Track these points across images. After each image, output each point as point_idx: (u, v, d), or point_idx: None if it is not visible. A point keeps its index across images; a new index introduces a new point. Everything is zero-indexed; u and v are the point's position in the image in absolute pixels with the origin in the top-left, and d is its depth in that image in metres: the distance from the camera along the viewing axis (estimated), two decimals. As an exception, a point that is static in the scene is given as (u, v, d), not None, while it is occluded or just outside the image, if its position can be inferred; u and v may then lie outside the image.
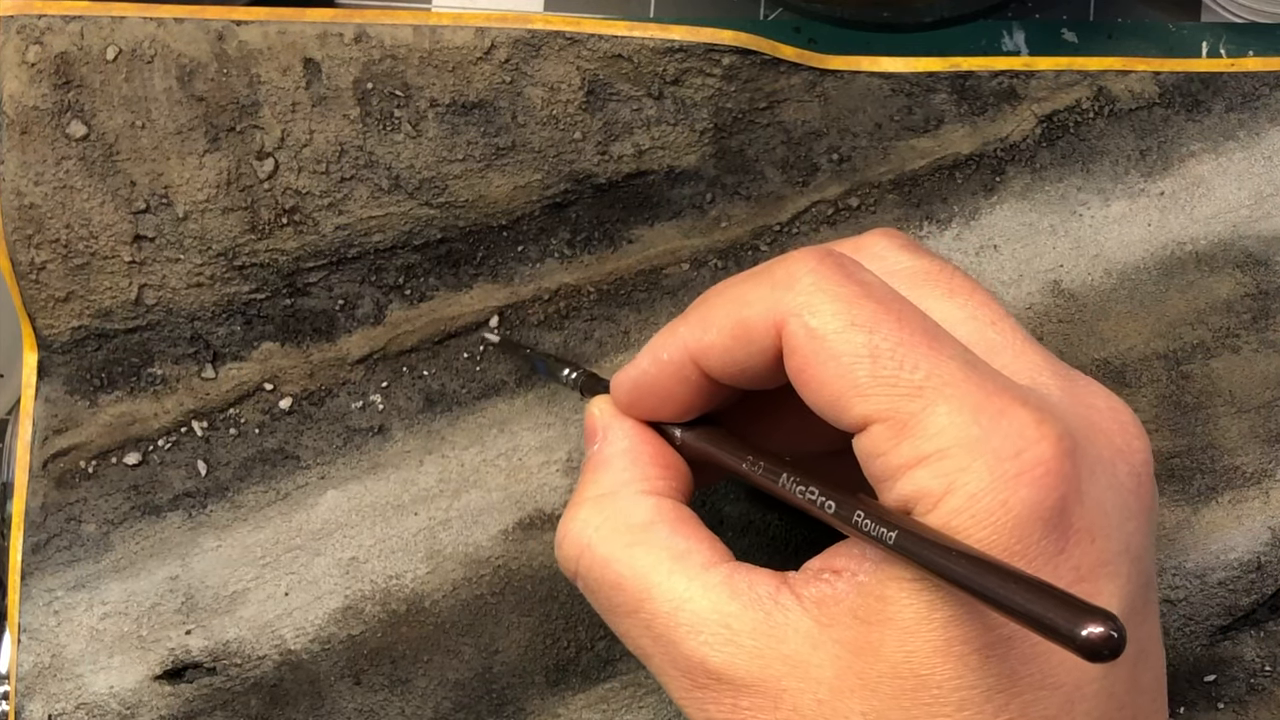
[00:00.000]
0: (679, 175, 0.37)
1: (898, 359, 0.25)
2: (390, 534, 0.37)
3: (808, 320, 0.26)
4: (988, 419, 0.24)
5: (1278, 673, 0.37)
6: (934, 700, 0.24)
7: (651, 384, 0.30)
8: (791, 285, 0.26)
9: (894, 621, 0.25)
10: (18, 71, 0.36)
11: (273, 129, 0.37)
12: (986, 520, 0.24)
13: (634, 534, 0.29)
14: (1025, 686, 0.24)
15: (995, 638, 0.24)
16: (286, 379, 0.37)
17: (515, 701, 0.36)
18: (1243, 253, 0.38)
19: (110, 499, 0.37)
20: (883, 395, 0.25)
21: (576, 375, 0.34)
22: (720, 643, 0.26)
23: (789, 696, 0.26)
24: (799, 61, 0.37)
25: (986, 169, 0.38)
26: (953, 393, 0.25)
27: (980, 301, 0.29)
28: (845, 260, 0.27)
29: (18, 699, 0.36)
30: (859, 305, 0.26)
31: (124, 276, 0.37)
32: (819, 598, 0.26)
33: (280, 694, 0.36)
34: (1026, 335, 0.28)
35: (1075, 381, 0.28)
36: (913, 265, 0.29)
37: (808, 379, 0.26)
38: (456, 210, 0.37)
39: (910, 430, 0.25)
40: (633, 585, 0.28)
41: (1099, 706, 0.25)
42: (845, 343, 0.25)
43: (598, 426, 0.31)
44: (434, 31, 0.36)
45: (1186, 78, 0.38)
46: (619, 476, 0.30)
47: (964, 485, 0.24)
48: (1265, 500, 0.37)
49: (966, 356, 0.26)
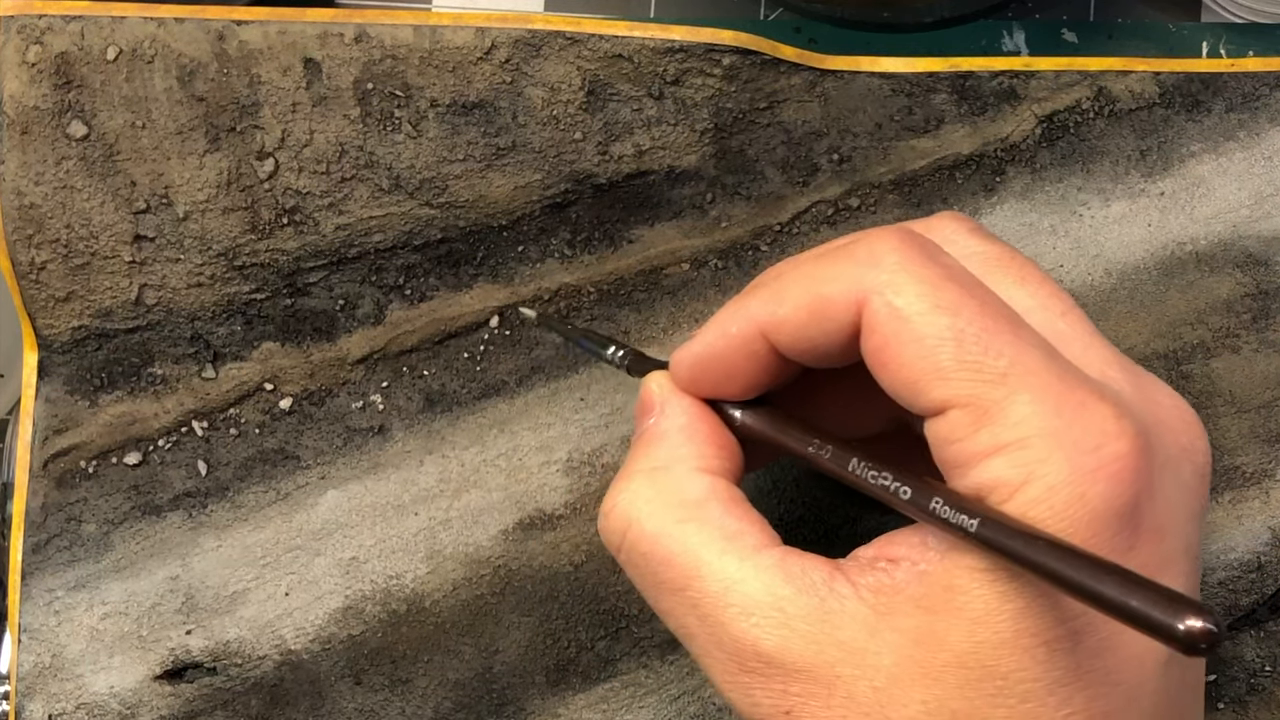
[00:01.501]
0: (679, 175, 0.37)
1: (982, 345, 0.25)
2: (390, 534, 0.37)
3: (892, 299, 0.25)
4: (1069, 411, 0.24)
5: (1278, 673, 0.37)
6: (998, 691, 0.24)
7: (717, 358, 0.29)
8: (875, 263, 0.26)
9: (963, 611, 0.24)
10: (18, 71, 0.36)
11: (273, 129, 0.37)
12: (1064, 512, 0.24)
13: (686, 510, 0.28)
14: (1090, 681, 0.24)
15: (1065, 631, 0.24)
16: (287, 379, 0.37)
17: (515, 701, 0.36)
18: (1243, 253, 0.38)
19: (110, 499, 0.37)
20: (965, 380, 0.25)
21: (624, 354, 0.33)
22: (773, 626, 0.26)
23: (843, 684, 0.25)
24: (799, 61, 0.37)
25: (986, 169, 0.38)
26: (1035, 382, 0.24)
27: (1050, 291, 0.28)
28: (928, 242, 0.27)
29: (18, 699, 0.36)
30: (944, 288, 0.25)
31: (124, 276, 0.37)
32: (876, 586, 0.26)
33: (280, 694, 0.37)
34: (1094, 328, 0.28)
35: (1142, 377, 0.28)
36: (984, 250, 0.29)
37: (887, 359, 0.26)
38: (457, 210, 0.37)
39: (991, 417, 0.24)
40: (682, 562, 0.27)
41: (1156, 704, 0.25)
42: (930, 325, 0.25)
43: (655, 401, 0.30)
44: (434, 31, 0.36)
45: (1186, 78, 0.38)
46: (674, 452, 0.29)
47: (1043, 476, 0.24)
48: (1265, 500, 0.37)
49: (1046, 347, 0.25)
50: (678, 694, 0.36)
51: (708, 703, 0.36)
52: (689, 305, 0.38)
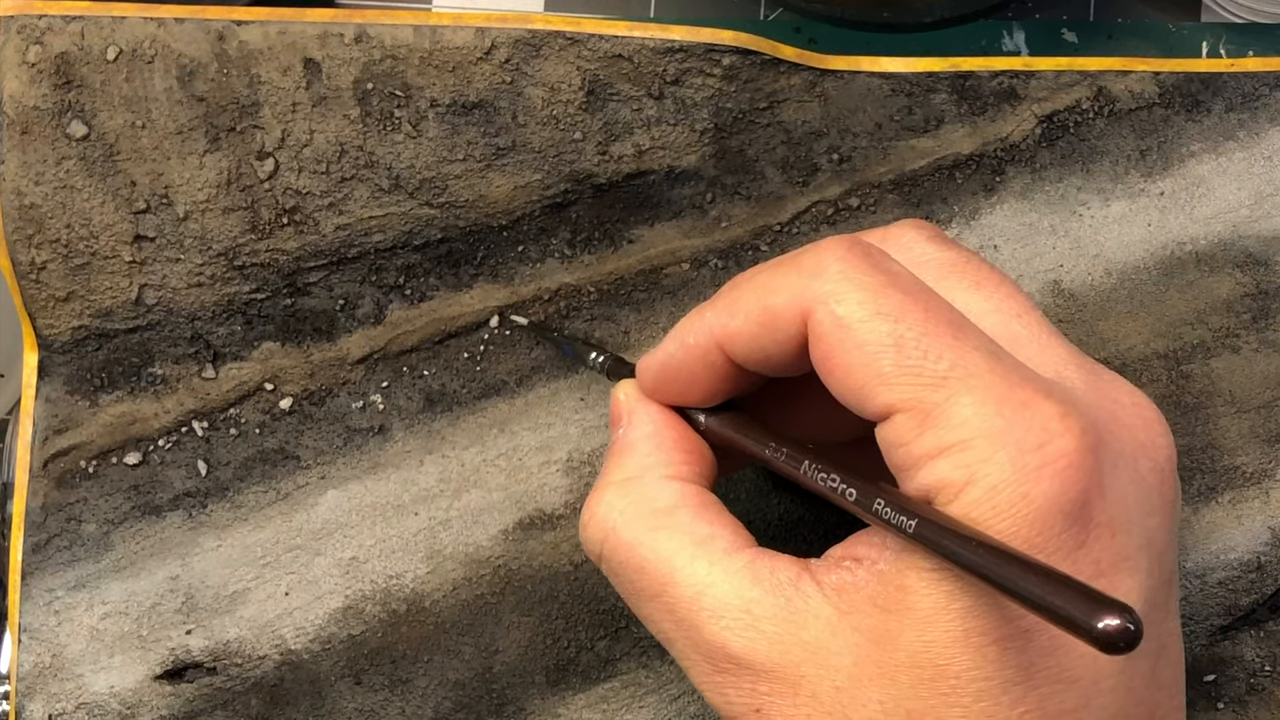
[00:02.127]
0: (679, 175, 0.37)
1: (922, 349, 0.25)
2: (390, 534, 0.37)
3: (834, 308, 0.26)
4: (1011, 410, 0.24)
5: (1278, 673, 0.37)
6: (951, 690, 0.24)
7: (677, 369, 0.30)
8: (819, 273, 0.26)
9: (913, 611, 0.25)
10: (18, 71, 0.36)
11: (273, 129, 0.37)
12: (1007, 512, 0.24)
13: (658, 518, 0.29)
14: (1043, 679, 0.24)
15: (1014, 630, 0.24)
16: (287, 379, 0.37)
17: (515, 701, 0.36)
18: (1243, 253, 0.38)
19: (110, 499, 0.37)
20: (906, 385, 0.25)
21: (603, 359, 0.34)
22: (741, 628, 0.27)
23: (807, 683, 0.26)
24: (799, 61, 0.37)
25: (986, 169, 0.38)
26: (977, 384, 0.25)
27: (1006, 294, 0.29)
28: (873, 250, 0.27)
29: (18, 699, 0.36)
30: (885, 294, 0.26)
31: (124, 276, 0.37)
32: (839, 585, 0.26)
33: (280, 694, 0.37)
34: (1052, 328, 0.28)
35: (1100, 375, 0.28)
36: (939, 256, 0.29)
37: (832, 367, 0.26)
38: (457, 210, 0.37)
39: (933, 420, 0.25)
40: (656, 569, 0.28)
41: (1116, 701, 0.25)
42: (870, 331, 0.25)
43: (623, 411, 0.31)
44: (434, 31, 0.36)
45: (1186, 78, 0.38)
46: (643, 461, 0.30)
47: (985, 476, 0.24)
48: (1265, 500, 0.37)
49: (991, 348, 0.26)
50: (678, 694, 0.36)
51: (707, 702, 0.36)
52: (689, 305, 0.38)
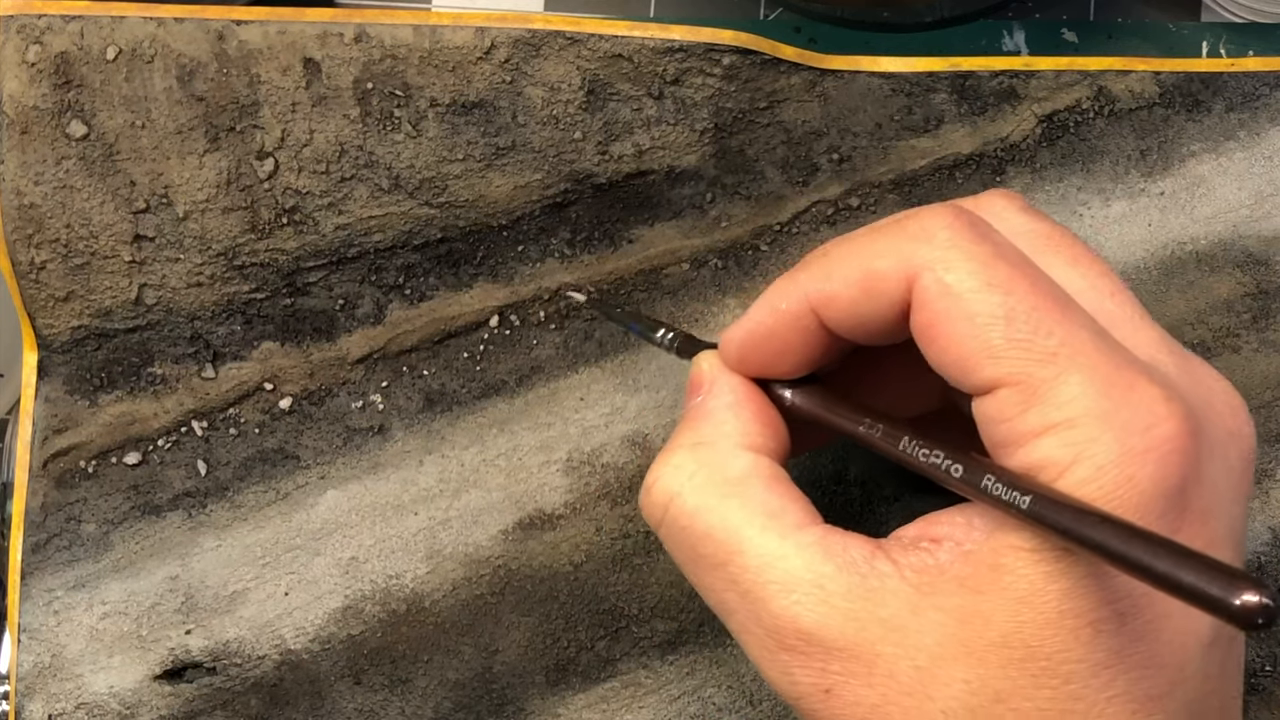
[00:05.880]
0: (679, 175, 0.37)
1: (1033, 324, 0.24)
2: (390, 534, 0.37)
3: (943, 275, 0.25)
4: (1119, 392, 0.24)
5: (1278, 673, 0.37)
6: (1041, 671, 0.24)
7: (766, 335, 0.29)
8: (927, 239, 0.26)
9: (1008, 591, 0.24)
10: (18, 71, 0.36)
11: (273, 129, 0.37)
12: (1112, 493, 0.24)
13: (729, 486, 0.28)
14: (1133, 664, 0.24)
15: (1109, 613, 0.24)
16: (286, 379, 0.37)
17: (515, 701, 0.36)
18: (1243, 253, 0.38)
19: (110, 499, 0.37)
20: (1015, 359, 0.24)
21: (673, 336, 0.33)
22: (813, 603, 0.26)
23: (884, 662, 0.25)
24: (799, 61, 0.37)
25: (986, 169, 0.38)
26: (1085, 362, 0.24)
27: (1100, 271, 0.28)
28: (978, 219, 0.27)
29: (18, 699, 0.36)
30: (995, 266, 0.25)
31: (124, 276, 0.37)
32: (919, 565, 0.26)
33: (280, 694, 0.36)
34: (1144, 310, 0.28)
35: (1190, 361, 0.28)
36: (1035, 228, 0.29)
37: (935, 334, 0.26)
38: (456, 210, 0.37)
39: (1040, 397, 0.24)
40: (723, 538, 0.27)
41: (1195, 688, 0.25)
42: (981, 302, 0.25)
43: (704, 379, 0.30)
44: (434, 31, 0.36)
45: (1186, 78, 0.38)
46: (720, 429, 0.29)
47: (1092, 456, 0.24)
48: (1265, 500, 0.37)
49: (1095, 327, 0.25)
50: (678, 694, 0.36)
51: (708, 702, 0.36)
52: (689, 305, 0.38)
